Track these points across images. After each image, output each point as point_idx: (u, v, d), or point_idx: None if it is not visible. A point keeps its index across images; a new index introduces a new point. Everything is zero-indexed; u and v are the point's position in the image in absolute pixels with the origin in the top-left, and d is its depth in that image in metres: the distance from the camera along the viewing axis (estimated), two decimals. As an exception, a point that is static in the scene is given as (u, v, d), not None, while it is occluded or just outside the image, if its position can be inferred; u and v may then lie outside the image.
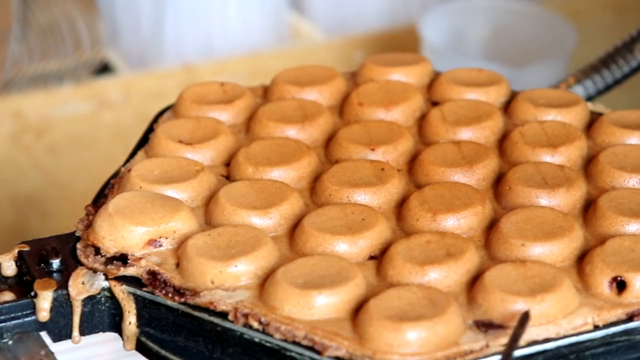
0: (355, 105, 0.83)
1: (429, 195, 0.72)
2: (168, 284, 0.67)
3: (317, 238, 0.69)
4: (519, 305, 0.63)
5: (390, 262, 0.67)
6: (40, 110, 1.50)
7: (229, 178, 0.76)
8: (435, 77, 0.87)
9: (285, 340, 0.63)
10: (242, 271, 0.66)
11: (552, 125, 0.80)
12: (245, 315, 0.64)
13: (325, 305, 0.64)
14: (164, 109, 0.84)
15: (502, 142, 0.80)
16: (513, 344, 0.61)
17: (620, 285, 0.65)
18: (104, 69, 1.60)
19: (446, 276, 0.66)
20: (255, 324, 0.64)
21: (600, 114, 0.83)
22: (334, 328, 0.63)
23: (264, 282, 0.66)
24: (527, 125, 0.80)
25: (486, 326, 0.63)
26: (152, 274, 0.67)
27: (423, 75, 0.87)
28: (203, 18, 1.61)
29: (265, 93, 0.86)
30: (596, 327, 0.64)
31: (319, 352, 0.62)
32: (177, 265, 0.68)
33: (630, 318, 0.65)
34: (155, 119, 0.82)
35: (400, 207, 0.73)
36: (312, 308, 0.64)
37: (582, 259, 0.68)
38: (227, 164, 0.77)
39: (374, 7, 1.75)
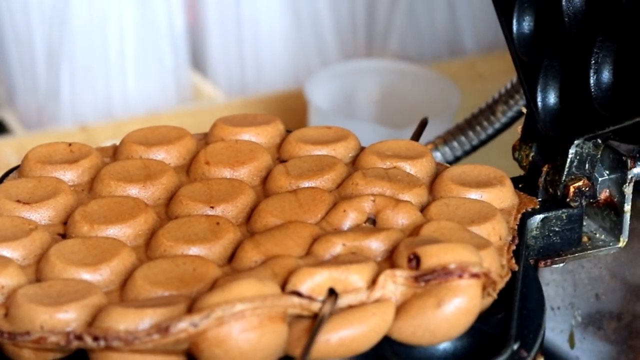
0: (202, 164, 0.84)
1: (261, 239, 0.73)
2: None
3: (149, 292, 0.69)
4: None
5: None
6: None
7: (65, 237, 0.76)
8: (286, 136, 0.89)
9: None
10: (72, 317, 0.67)
11: (395, 172, 0.82)
12: (79, 337, 0.65)
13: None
14: (10, 169, 0.85)
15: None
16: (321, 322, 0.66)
17: (417, 261, 0.69)
18: (-1, 129, 1.60)
19: None
20: (90, 341, 0.64)
21: (447, 167, 0.85)
22: None
23: None
24: (372, 169, 0.82)
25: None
26: None
27: (274, 135, 0.89)
28: (100, 78, 1.61)
29: (115, 153, 0.86)
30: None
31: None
32: (6, 315, 0.68)
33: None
34: (1, 180, 0.83)
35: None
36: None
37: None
38: (66, 222, 0.78)
39: (275, 67, 1.75)
